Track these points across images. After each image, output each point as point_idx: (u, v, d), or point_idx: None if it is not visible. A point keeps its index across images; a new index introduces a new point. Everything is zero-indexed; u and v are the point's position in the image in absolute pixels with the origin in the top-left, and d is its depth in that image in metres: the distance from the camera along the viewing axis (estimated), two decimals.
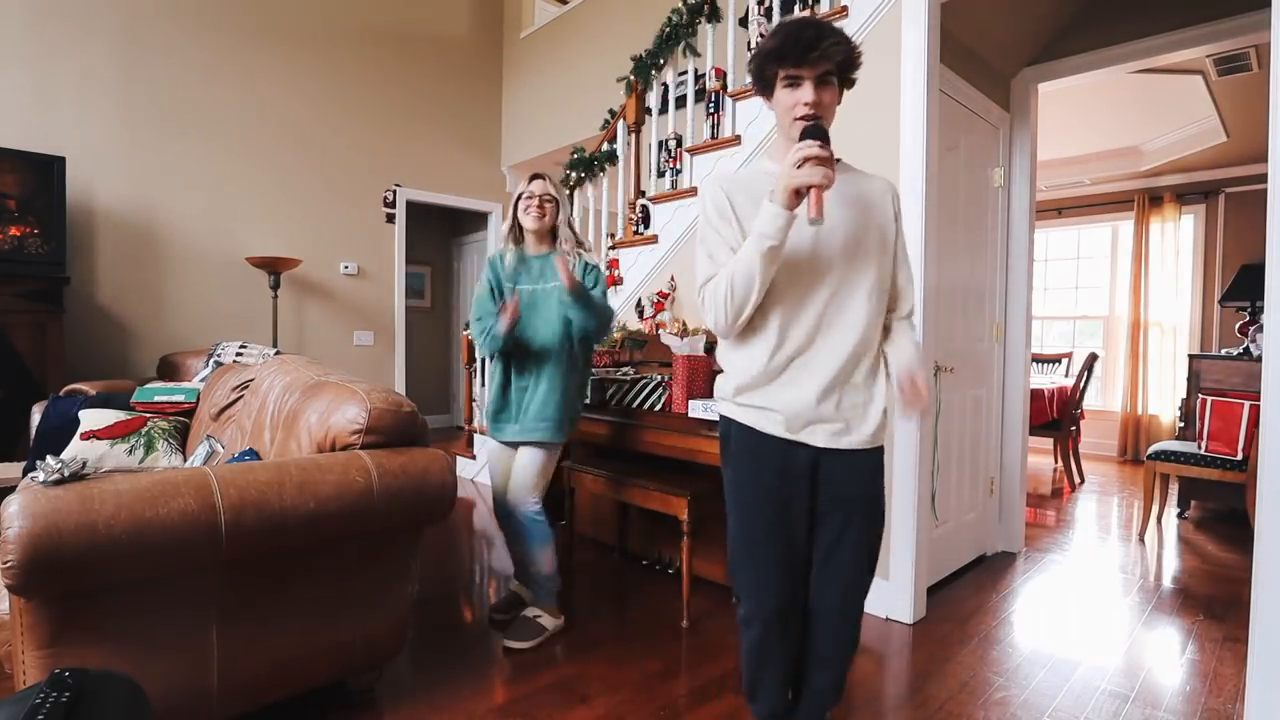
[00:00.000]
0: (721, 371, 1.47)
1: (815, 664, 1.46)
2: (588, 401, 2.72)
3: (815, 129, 1.21)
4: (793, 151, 1.19)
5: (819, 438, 1.35)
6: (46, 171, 3.56)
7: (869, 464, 1.39)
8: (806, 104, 1.25)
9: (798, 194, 1.19)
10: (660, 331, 3.03)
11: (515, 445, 2.30)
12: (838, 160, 1.37)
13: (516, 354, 2.27)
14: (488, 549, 3.30)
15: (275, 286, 4.51)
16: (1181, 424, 4.30)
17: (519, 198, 2.25)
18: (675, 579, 2.73)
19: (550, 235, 2.30)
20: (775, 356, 1.33)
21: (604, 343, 3.01)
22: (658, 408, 2.68)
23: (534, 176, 2.28)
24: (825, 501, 1.37)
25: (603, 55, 4.98)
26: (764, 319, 1.34)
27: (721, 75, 3.28)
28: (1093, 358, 4.83)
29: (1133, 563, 3.15)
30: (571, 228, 2.30)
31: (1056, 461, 5.13)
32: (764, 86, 1.33)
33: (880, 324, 1.41)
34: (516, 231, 2.29)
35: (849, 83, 1.32)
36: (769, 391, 1.36)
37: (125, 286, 4.17)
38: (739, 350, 1.39)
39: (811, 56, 1.23)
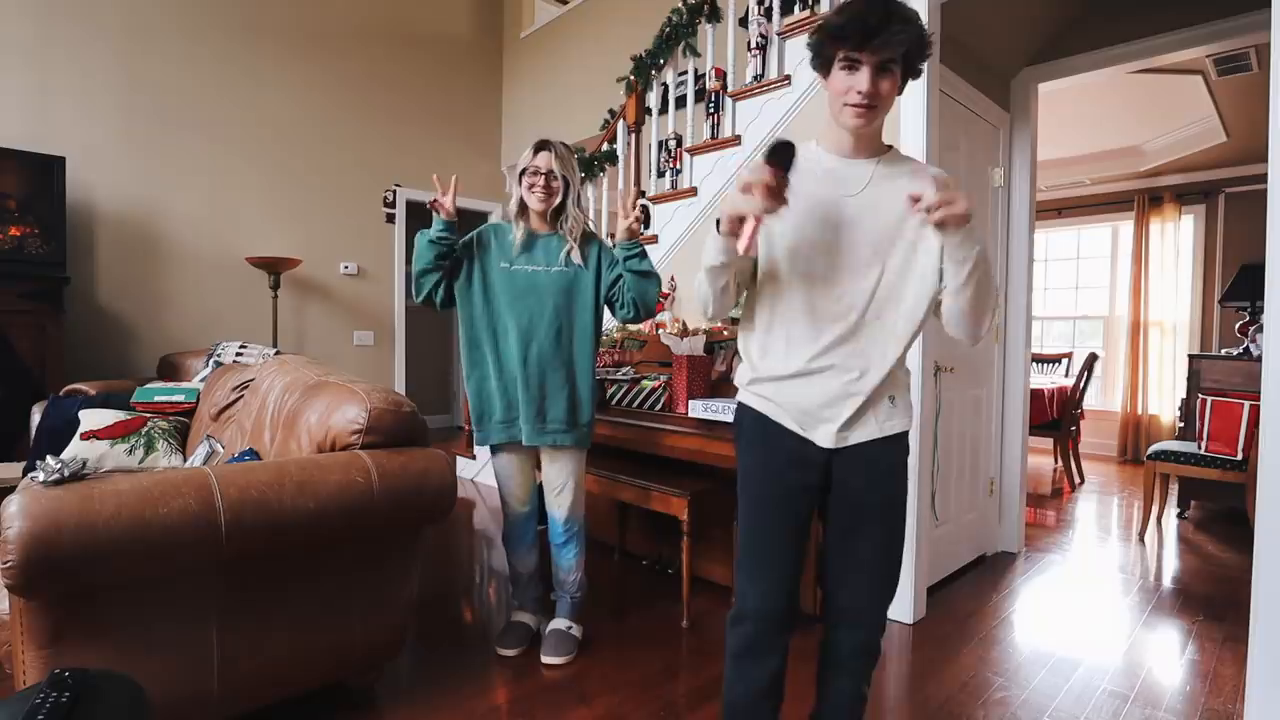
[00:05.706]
0: (740, 359, 1.40)
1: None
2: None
3: (779, 148, 1.10)
4: (740, 176, 1.12)
5: (826, 439, 1.26)
6: (46, 171, 3.56)
7: (886, 457, 1.29)
8: (860, 93, 1.15)
9: (740, 220, 1.09)
10: (660, 332, 3.02)
11: (528, 449, 2.12)
12: (890, 148, 1.28)
13: (505, 344, 2.04)
14: (488, 549, 3.30)
15: (275, 286, 4.51)
16: (1181, 424, 4.30)
17: (523, 171, 1.97)
18: (675, 579, 2.72)
19: (556, 215, 2.06)
20: (785, 367, 1.28)
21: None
22: (658, 408, 2.68)
23: (540, 146, 1.97)
24: (837, 501, 1.30)
25: (603, 55, 4.98)
26: (774, 330, 1.29)
27: (721, 75, 3.28)
28: (1093, 358, 4.83)
29: (1133, 563, 3.15)
30: (581, 207, 2.05)
31: (1056, 461, 5.12)
32: (821, 64, 1.21)
33: (904, 358, 1.28)
34: (521, 207, 2.04)
35: (915, 72, 1.19)
36: (779, 388, 1.29)
37: (125, 286, 4.17)
38: (755, 343, 1.33)
39: (874, 43, 1.11)
